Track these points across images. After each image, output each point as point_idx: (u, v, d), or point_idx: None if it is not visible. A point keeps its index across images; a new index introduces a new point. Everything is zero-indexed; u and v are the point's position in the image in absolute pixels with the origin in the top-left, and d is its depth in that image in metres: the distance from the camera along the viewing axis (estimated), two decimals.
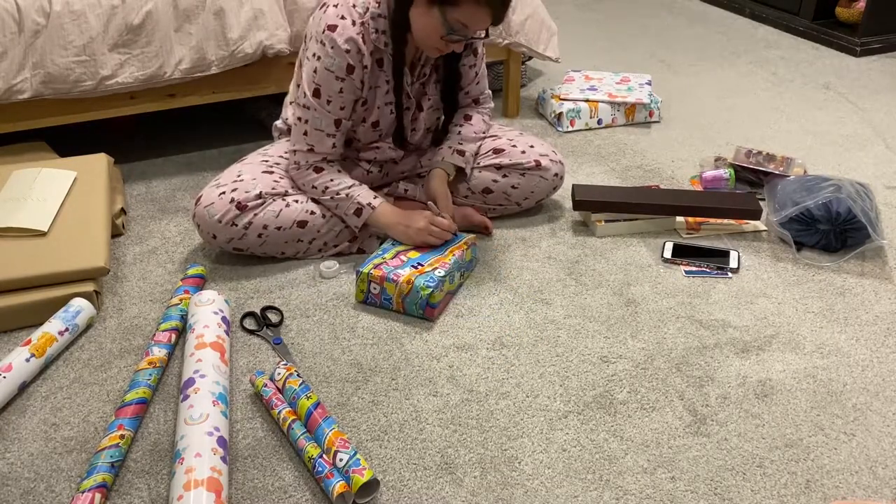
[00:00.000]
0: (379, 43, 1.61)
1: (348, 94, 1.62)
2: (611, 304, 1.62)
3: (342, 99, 1.62)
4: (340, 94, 1.61)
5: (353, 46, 1.57)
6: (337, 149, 1.69)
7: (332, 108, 1.63)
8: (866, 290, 1.66)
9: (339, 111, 1.64)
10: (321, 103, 1.62)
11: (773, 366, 1.45)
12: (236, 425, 1.33)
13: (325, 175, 1.69)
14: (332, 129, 1.65)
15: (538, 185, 1.85)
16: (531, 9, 2.30)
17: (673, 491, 1.20)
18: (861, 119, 2.49)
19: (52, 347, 1.45)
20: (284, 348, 1.50)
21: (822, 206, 1.72)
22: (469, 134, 1.81)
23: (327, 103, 1.62)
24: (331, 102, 1.62)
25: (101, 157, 1.93)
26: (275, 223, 1.67)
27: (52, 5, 1.81)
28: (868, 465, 1.24)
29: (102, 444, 1.23)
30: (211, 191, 1.67)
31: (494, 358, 1.47)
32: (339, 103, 1.63)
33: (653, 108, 2.45)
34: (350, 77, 1.60)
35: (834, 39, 3.11)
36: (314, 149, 1.67)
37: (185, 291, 1.60)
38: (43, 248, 1.59)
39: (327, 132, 1.65)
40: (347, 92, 1.62)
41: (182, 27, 1.92)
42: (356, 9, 1.58)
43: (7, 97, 1.84)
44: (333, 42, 1.56)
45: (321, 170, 1.69)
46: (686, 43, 3.22)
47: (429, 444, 1.29)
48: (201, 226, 1.66)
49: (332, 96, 1.61)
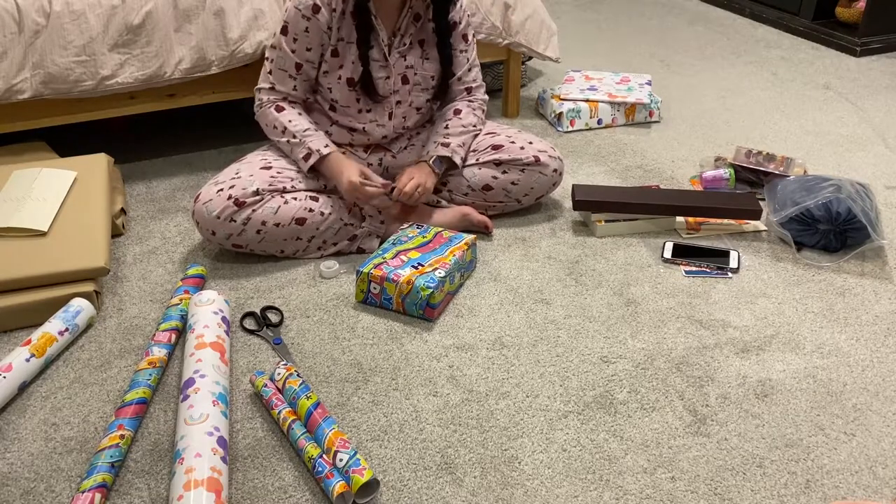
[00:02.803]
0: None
1: (314, 35, 1.68)
2: (611, 304, 1.62)
3: (307, 40, 1.68)
4: (306, 33, 1.67)
5: None
6: (298, 92, 1.75)
7: (298, 47, 1.69)
8: (866, 290, 1.66)
9: (305, 52, 1.70)
10: (287, 41, 1.69)
11: (773, 366, 1.45)
12: (236, 425, 1.33)
13: (284, 114, 1.74)
14: (293, 70, 1.72)
15: (538, 182, 1.85)
16: (531, 9, 2.30)
17: (673, 491, 1.20)
18: (861, 119, 2.49)
19: (52, 347, 1.45)
20: (284, 348, 1.50)
21: (822, 206, 1.72)
22: (457, 127, 1.82)
23: (293, 41, 1.69)
24: (297, 41, 1.69)
25: (101, 157, 1.93)
26: (273, 220, 1.67)
27: (52, 5, 1.81)
28: (868, 465, 1.24)
29: (102, 444, 1.23)
30: (209, 188, 1.68)
31: (494, 358, 1.47)
32: (304, 44, 1.69)
33: (653, 108, 2.45)
34: (316, 17, 1.66)
35: (834, 39, 3.11)
36: (275, 87, 1.74)
37: (185, 291, 1.60)
38: (43, 248, 1.59)
39: (289, 73, 1.72)
40: (313, 33, 1.68)
41: (182, 27, 1.93)
42: None
43: (7, 97, 1.84)
44: None
45: (282, 109, 1.75)
46: (686, 43, 3.22)
47: (429, 444, 1.29)
48: (200, 223, 1.67)
49: (297, 34, 1.68)
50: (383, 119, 1.81)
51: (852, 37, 3.05)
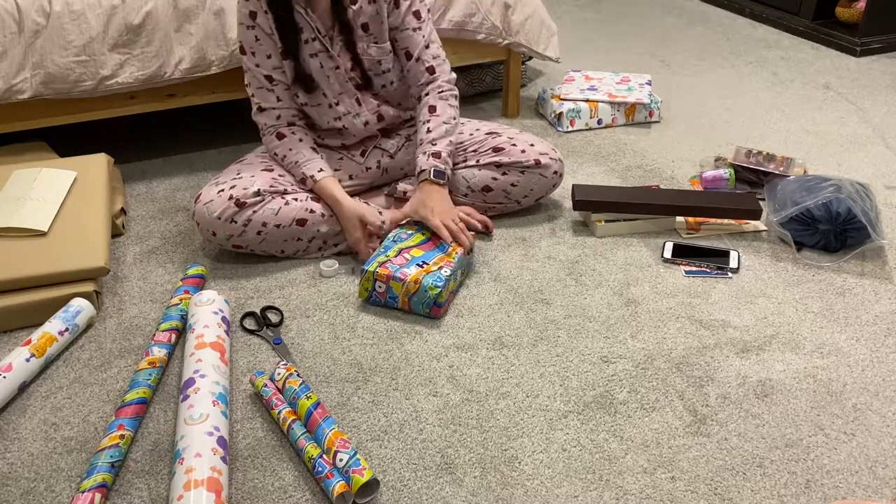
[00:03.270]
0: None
1: (265, 41, 1.69)
2: (611, 304, 1.62)
3: (262, 48, 1.70)
4: (258, 42, 1.69)
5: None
6: (284, 102, 1.75)
7: (259, 60, 1.71)
8: (866, 290, 1.66)
9: (266, 61, 1.71)
10: (248, 58, 1.72)
11: (773, 366, 1.45)
12: (236, 425, 1.33)
13: (285, 142, 1.75)
14: (266, 83, 1.73)
15: (537, 183, 1.85)
16: (531, 9, 2.30)
17: (673, 491, 1.20)
18: (861, 119, 2.49)
19: (52, 347, 1.45)
20: (284, 348, 1.50)
21: (822, 206, 1.72)
22: (439, 129, 1.75)
23: (252, 55, 1.71)
24: (255, 54, 1.71)
25: (101, 157, 1.93)
26: (274, 220, 1.67)
27: (52, 5, 1.81)
28: (868, 465, 1.24)
29: (102, 444, 1.23)
30: (210, 189, 1.68)
31: (494, 358, 1.47)
32: (262, 53, 1.70)
33: (653, 108, 2.45)
34: (256, 23, 1.67)
35: (834, 39, 3.11)
36: (262, 105, 1.75)
37: (185, 291, 1.60)
38: (43, 248, 1.59)
39: (265, 87, 1.73)
40: (263, 39, 1.69)
41: (182, 27, 1.93)
42: None
43: (7, 97, 1.84)
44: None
45: (283, 136, 1.75)
46: (686, 43, 3.22)
47: (429, 444, 1.29)
48: (201, 223, 1.67)
49: (252, 47, 1.70)
50: (354, 108, 1.79)
51: (852, 37, 3.05)
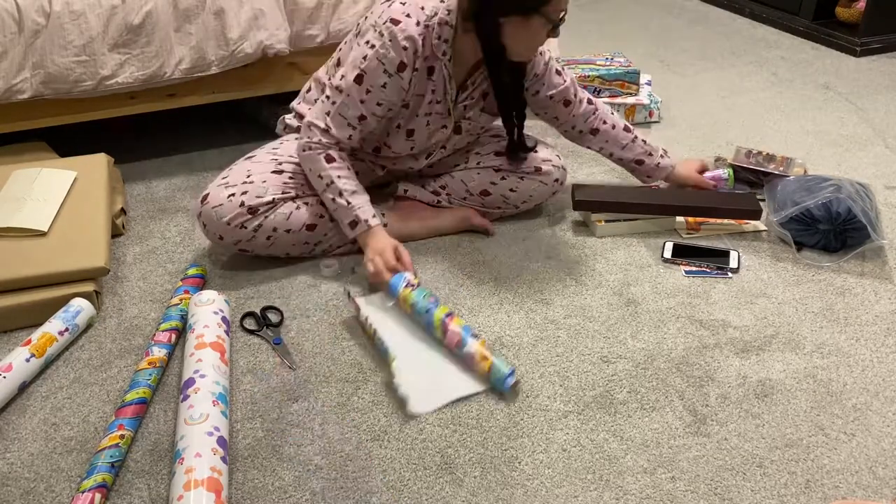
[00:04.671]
0: (438, 51, 1.57)
1: (391, 92, 1.57)
2: (611, 304, 1.62)
3: (382, 95, 1.56)
4: (383, 88, 1.55)
5: (412, 45, 1.52)
6: (353, 141, 1.62)
7: (369, 99, 1.56)
8: (866, 290, 1.66)
9: (375, 107, 1.58)
10: (359, 91, 1.56)
11: (773, 366, 1.45)
12: (236, 425, 1.33)
13: (334, 168, 1.60)
14: (355, 121, 1.59)
15: (537, 190, 1.85)
16: None
17: (673, 491, 1.20)
18: (861, 119, 2.49)
19: (52, 347, 1.45)
20: (284, 348, 1.50)
21: (822, 206, 1.72)
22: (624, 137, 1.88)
23: (366, 93, 1.56)
24: (370, 93, 1.56)
25: (101, 157, 1.93)
26: (284, 226, 1.65)
27: (52, 5, 1.81)
28: (868, 465, 1.24)
29: (102, 444, 1.23)
30: (219, 191, 1.62)
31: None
32: (376, 98, 1.57)
33: (653, 108, 2.45)
34: (399, 75, 1.54)
35: (834, 39, 3.11)
36: (330, 130, 1.59)
37: (185, 291, 1.60)
38: (43, 248, 1.59)
39: (350, 123, 1.59)
40: (390, 90, 1.56)
41: (182, 27, 1.93)
42: (424, 11, 1.54)
43: (7, 97, 1.84)
44: (393, 35, 1.51)
45: (332, 160, 1.60)
46: (686, 43, 3.22)
47: (429, 444, 1.29)
48: (208, 226, 1.63)
49: (372, 87, 1.55)
50: (421, 161, 1.79)
51: (852, 37, 3.05)
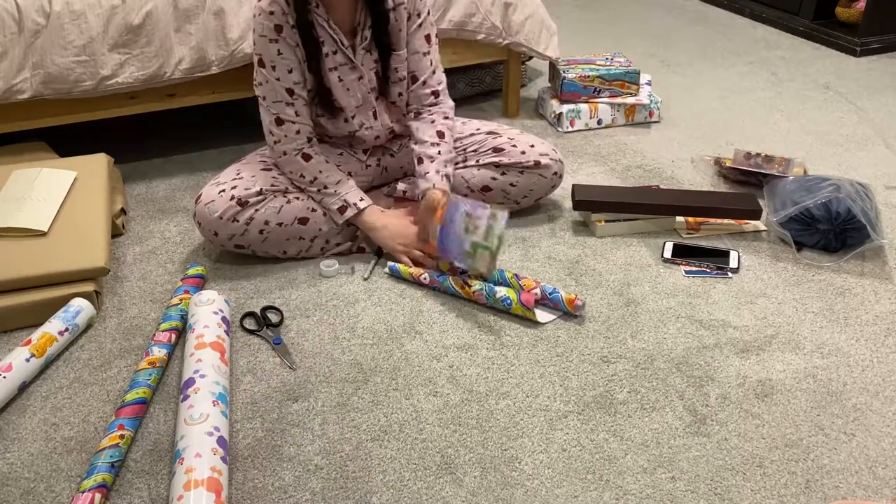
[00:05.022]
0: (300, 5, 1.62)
1: (287, 53, 1.64)
2: (611, 304, 1.62)
3: (283, 61, 1.64)
4: (280, 55, 1.64)
5: (277, 8, 1.61)
6: (302, 118, 1.69)
7: (280, 73, 1.65)
8: (866, 290, 1.66)
9: (287, 75, 1.66)
10: (268, 72, 1.65)
11: (773, 366, 1.45)
12: (236, 425, 1.33)
13: (313, 164, 1.70)
14: (286, 97, 1.67)
15: (536, 184, 1.85)
16: (531, 9, 2.29)
17: (673, 491, 1.20)
18: (861, 119, 2.49)
19: (52, 347, 1.45)
20: (284, 348, 1.50)
21: (822, 206, 1.72)
22: (448, 156, 1.75)
23: (273, 69, 1.65)
24: (276, 68, 1.65)
25: (101, 157, 1.93)
26: (276, 219, 1.67)
27: (52, 5, 1.81)
28: (868, 465, 1.24)
29: (102, 444, 1.23)
30: (211, 189, 1.68)
31: (494, 358, 1.47)
32: (283, 66, 1.65)
33: (653, 108, 2.45)
34: (281, 36, 1.62)
35: (834, 39, 3.11)
36: (280, 117, 1.68)
37: (185, 291, 1.60)
38: (43, 248, 1.59)
39: (284, 101, 1.67)
40: (285, 52, 1.64)
41: (182, 27, 1.93)
42: None
43: (7, 97, 1.84)
44: (261, 9, 1.61)
45: (309, 157, 1.70)
46: (686, 43, 3.22)
47: (429, 444, 1.29)
48: (202, 224, 1.67)
49: (273, 60, 1.64)
50: (370, 121, 1.78)
51: (852, 37, 3.05)
